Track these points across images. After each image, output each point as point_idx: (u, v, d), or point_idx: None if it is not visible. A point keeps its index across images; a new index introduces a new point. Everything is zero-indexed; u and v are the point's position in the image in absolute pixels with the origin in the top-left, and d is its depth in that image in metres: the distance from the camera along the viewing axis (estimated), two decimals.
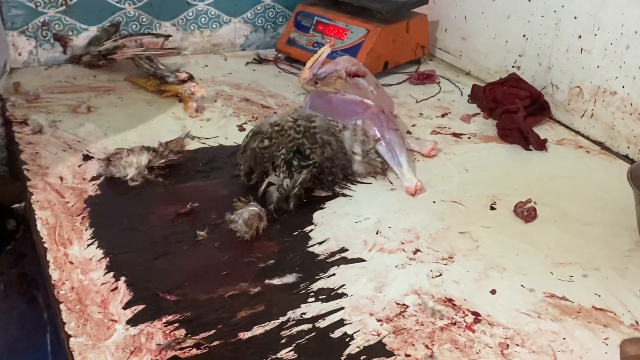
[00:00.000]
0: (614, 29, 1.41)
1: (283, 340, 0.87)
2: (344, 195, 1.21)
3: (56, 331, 1.39)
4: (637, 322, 0.94)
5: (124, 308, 0.90)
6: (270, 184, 1.15)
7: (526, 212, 1.17)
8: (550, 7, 1.56)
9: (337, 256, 1.04)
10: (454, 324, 0.92)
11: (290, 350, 0.85)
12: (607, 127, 1.46)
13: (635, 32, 1.37)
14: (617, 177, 1.30)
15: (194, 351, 0.83)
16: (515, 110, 1.49)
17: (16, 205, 1.47)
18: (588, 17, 1.47)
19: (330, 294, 0.96)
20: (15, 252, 1.48)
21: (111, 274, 0.96)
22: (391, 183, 1.26)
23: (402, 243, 1.08)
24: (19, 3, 1.61)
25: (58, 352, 1.56)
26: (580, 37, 1.49)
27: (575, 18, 1.50)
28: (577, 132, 1.52)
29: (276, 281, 0.98)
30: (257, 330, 0.88)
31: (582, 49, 1.49)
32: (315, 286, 0.97)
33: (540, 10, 1.58)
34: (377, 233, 1.11)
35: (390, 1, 1.76)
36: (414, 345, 0.88)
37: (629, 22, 1.38)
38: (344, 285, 0.98)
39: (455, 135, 1.47)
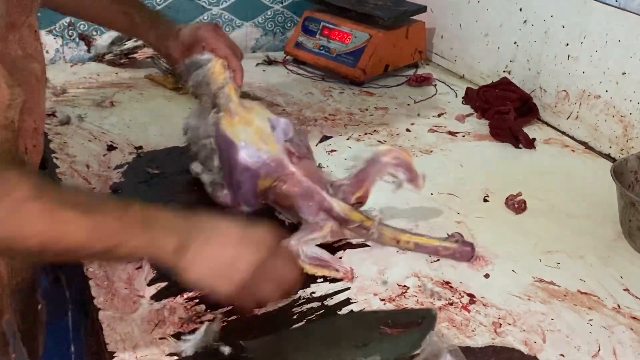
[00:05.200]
0: (599, 37, 1.42)
1: (295, 316, 0.88)
2: None
3: (77, 310, 1.41)
4: (618, 305, 0.96)
5: (149, 285, 0.91)
6: None
7: (517, 205, 1.19)
8: (540, 17, 1.57)
9: (343, 242, 1.05)
10: (451, 304, 0.93)
11: (301, 326, 0.86)
12: (591, 128, 1.47)
13: (619, 41, 1.38)
14: (600, 174, 1.32)
15: None
16: (506, 111, 1.50)
17: None
18: (575, 27, 1.48)
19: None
20: None
21: None
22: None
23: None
24: None
25: (78, 329, 1.57)
26: (567, 44, 1.51)
27: (563, 27, 1.51)
28: (563, 133, 1.53)
29: None
30: (271, 306, 0.89)
31: (569, 56, 1.51)
32: None
33: (530, 20, 1.60)
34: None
35: (391, 9, 1.77)
36: None
37: (613, 31, 1.39)
38: (350, 268, 0.99)
39: (450, 133, 1.49)
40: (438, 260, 1.02)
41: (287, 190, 1.00)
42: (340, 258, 1.01)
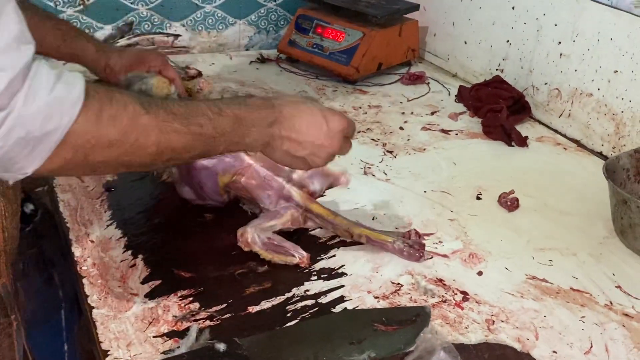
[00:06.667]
0: (592, 36, 1.43)
1: (289, 314, 0.88)
2: None
3: (70, 308, 1.40)
4: (611, 302, 0.96)
5: (142, 283, 0.91)
6: None
7: (509, 202, 1.19)
8: (532, 15, 1.57)
9: (337, 239, 1.05)
10: (444, 301, 0.94)
11: (296, 323, 0.86)
12: (583, 126, 1.48)
13: (611, 39, 1.39)
14: (592, 172, 1.32)
15: (208, 322, 0.85)
16: (499, 109, 1.51)
17: (39, 189, 1.47)
18: (567, 25, 1.49)
19: (331, 273, 0.97)
20: (34, 234, 1.48)
21: (129, 252, 0.98)
22: (385, 174, 1.28)
23: (396, 228, 1.10)
24: (40, 2, 1.61)
25: (71, 328, 1.56)
26: (559, 43, 1.51)
27: (556, 25, 1.52)
28: (555, 131, 1.54)
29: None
30: (265, 304, 0.89)
31: (561, 54, 1.51)
32: (317, 266, 0.99)
33: (523, 18, 1.60)
34: (373, 219, 1.12)
35: (384, 7, 1.78)
36: None
37: (605, 29, 1.40)
38: (343, 265, 0.99)
39: (443, 131, 1.49)
40: (432, 257, 1.03)
41: (246, 183, 1.00)
42: (334, 256, 1.01)
